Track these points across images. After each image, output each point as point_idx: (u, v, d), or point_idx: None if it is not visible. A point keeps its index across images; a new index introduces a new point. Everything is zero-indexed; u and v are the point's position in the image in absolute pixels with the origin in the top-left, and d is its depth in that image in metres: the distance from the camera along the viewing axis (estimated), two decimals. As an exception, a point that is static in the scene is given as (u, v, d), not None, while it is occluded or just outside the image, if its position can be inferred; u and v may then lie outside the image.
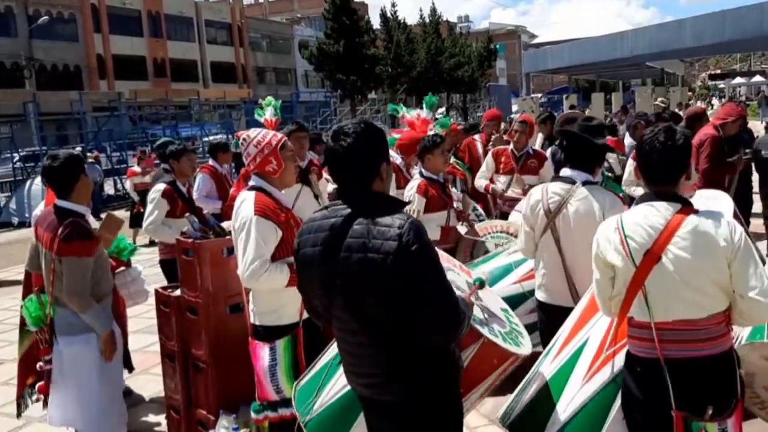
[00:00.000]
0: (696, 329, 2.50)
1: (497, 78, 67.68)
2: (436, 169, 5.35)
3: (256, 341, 3.47)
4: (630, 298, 2.57)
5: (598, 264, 2.66)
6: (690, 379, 2.49)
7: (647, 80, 34.60)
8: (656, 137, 2.60)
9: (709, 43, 21.14)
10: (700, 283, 2.48)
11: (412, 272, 2.26)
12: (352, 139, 2.39)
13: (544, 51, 32.84)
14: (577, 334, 3.11)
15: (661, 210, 2.53)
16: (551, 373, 3.03)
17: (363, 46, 40.57)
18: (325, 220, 2.41)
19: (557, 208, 3.67)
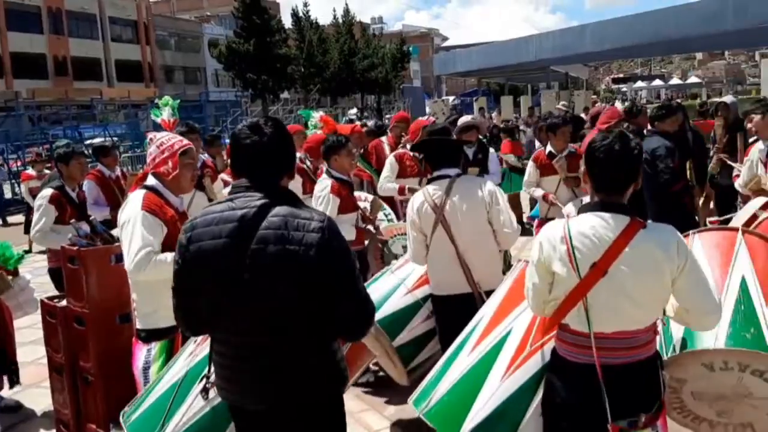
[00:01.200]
0: (631, 337, 2.51)
1: (412, 80, 68.42)
2: (343, 169, 5.32)
3: (137, 342, 3.46)
4: (568, 307, 2.52)
5: (539, 270, 2.58)
6: (620, 383, 2.47)
7: (553, 84, 35.79)
8: (611, 144, 2.49)
9: (609, 48, 22.05)
10: (643, 298, 2.47)
11: (334, 266, 2.25)
12: (273, 131, 2.38)
13: (453, 54, 33.37)
14: (498, 324, 3.07)
15: (611, 222, 2.46)
16: (470, 365, 2.99)
17: (274, 46, 40.15)
18: (231, 212, 2.31)
19: (442, 201, 3.90)
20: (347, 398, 4.82)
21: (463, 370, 2.99)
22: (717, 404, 3.22)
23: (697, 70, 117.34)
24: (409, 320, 4.40)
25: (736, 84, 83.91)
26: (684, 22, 18.33)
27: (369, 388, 5.12)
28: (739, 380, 3.06)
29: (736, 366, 3.04)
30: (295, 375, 2.35)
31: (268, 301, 2.28)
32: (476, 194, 3.89)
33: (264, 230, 2.26)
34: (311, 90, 46.07)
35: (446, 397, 2.97)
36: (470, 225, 3.88)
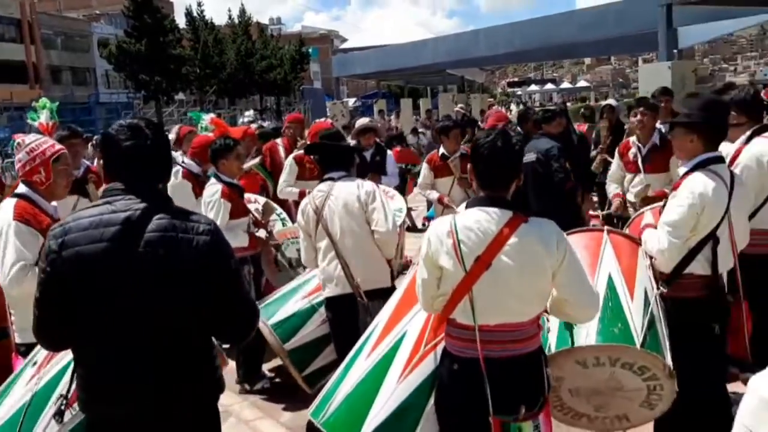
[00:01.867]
0: (515, 331, 2.59)
1: (312, 81, 68.08)
2: (231, 173, 5.20)
3: (17, 357, 3.29)
4: (455, 301, 2.58)
5: (427, 264, 2.64)
6: (504, 377, 2.55)
7: (450, 87, 36.52)
8: (494, 141, 2.60)
9: (502, 52, 22.75)
10: (525, 292, 2.56)
11: (222, 269, 2.27)
12: (154, 134, 2.33)
13: (352, 56, 33.44)
14: (393, 328, 3.11)
15: (494, 216, 2.55)
16: (366, 370, 3.00)
17: (168, 46, 38.85)
18: (112, 215, 2.22)
19: (322, 202, 4.03)
20: (243, 406, 4.77)
21: (360, 376, 3.00)
22: (594, 399, 3.35)
23: (586, 74, 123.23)
24: (302, 324, 4.43)
25: (621, 87, 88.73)
26: (569, 28, 19.15)
27: (265, 396, 5.01)
28: (611, 374, 3.20)
29: (608, 361, 3.18)
30: (176, 378, 2.29)
31: (155, 304, 2.22)
32: (353, 194, 4.01)
33: (151, 233, 2.20)
34: (207, 91, 44.96)
35: (343, 405, 2.96)
36: (347, 225, 4.00)
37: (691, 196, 3.20)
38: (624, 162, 5.63)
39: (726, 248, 3.31)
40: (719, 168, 3.28)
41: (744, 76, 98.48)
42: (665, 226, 3.27)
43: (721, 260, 3.29)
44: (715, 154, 3.32)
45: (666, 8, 13.22)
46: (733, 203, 3.24)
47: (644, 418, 3.38)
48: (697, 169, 3.28)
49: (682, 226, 3.22)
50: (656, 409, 3.29)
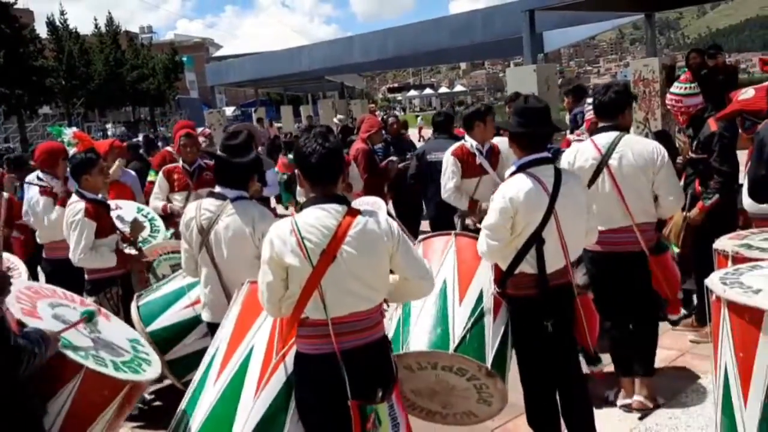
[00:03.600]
0: (364, 319, 2.74)
1: (189, 90, 66.27)
2: (96, 189, 4.94)
3: None
4: (305, 298, 2.67)
5: (271, 266, 2.70)
6: (360, 365, 2.69)
7: (330, 93, 36.62)
8: (314, 141, 2.76)
9: (375, 58, 23.04)
10: (369, 278, 2.72)
11: None
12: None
13: (226, 64, 32.78)
14: (238, 346, 3.03)
15: (332, 212, 2.70)
16: (219, 394, 2.90)
17: (29, 57, 36.52)
18: None
19: (209, 225, 3.73)
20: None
21: (212, 401, 2.90)
22: (436, 398, 3.50)
23: (462, 79, 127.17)
24: (185, 335, 4.29)
25: (496, 91, 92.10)
26: (441, 34, 19.65)
27: (141, 423, 4.77)
28: (437, 377, 3.36)
29: (429, 365, 3.35)
30: None
31: None
32: (245, 228, 3.69)
33: None
34: (75, 104, 42.70)
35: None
36: (235, 256, 3.70)
37: (502, 200, 3.33)
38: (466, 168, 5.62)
39: (554, 248, 3.35)
40: (539, 170, 3.35)
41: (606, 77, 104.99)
42: (484, 229, 3.41)
43: (549, 260, 3.34)
44: (538, 155, 3.39)
45: (529, 14, 13.84)
46: (560, 203, 3.31)
47: (488, 413, 3.54)
48: (518, 172, 3.40)
49: (497, 229, 3.34)
50: (494, 406, 3.45)
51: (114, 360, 2.78)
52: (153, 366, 2.98)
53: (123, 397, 2.73)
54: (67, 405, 2.53)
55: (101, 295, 4.83)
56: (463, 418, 3.59)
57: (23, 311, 2.74)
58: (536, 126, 3.41)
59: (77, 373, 2.55)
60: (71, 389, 2.55)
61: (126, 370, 2.77)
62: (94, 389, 2.64)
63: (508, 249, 3.39)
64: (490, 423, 3.94)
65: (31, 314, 2.77)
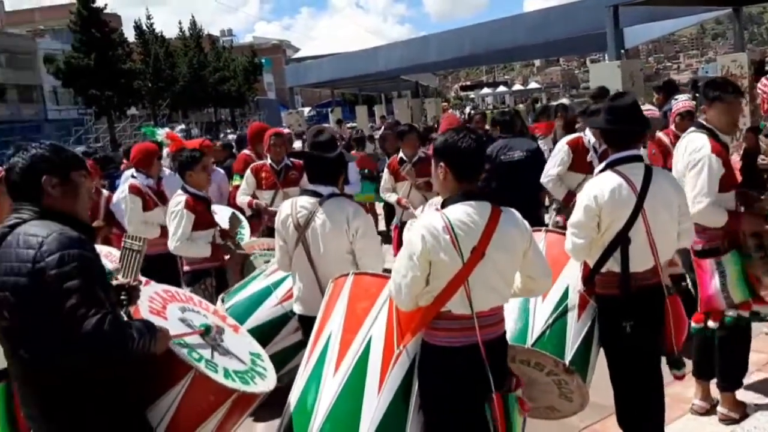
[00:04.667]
0: (498, 312, 2.85)
1: (266, 92, 67.67)
2: (198, 185, 5.19)
3: None
4: (450, 293, 2.71)
5: (420, 261, 2.70)
6: (498, 357, 2.80)
7: (404, 92, 36.68)
8: (465, 139, 2.80)
9: (451, 57, 22.96)
10: (508, 274, 2.82)
11: (47, 285, 2.20)
12: (21, 152, 2.43)
13: (305, 65, 33.31)
14: (354, 339, 3.02)
15: (479, 208, 2.75)
16: (341, 388, 2.92)
17: (118, 60, 38.19)
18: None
19: (306, 222, 3.79)
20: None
21: (334, 394, 2.92)
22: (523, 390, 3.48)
23: (536, 76, 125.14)
24: (277, 332, 4.39)
25: (571, 88, 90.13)
26: (517, 31, 19.45)
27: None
28: (518, 369, 3.31)
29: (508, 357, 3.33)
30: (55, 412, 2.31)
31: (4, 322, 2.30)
32: (342, 224, 3.75)
33: (2, 249, 2.31)
34: (160, 105, 44.36)
35: (327, 425, 2.87)
36: (331, 252, 3.78)
37: (587, 197, 3.33)
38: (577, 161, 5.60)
39: (642, 248, 3.30)
40: (628, 168, 3.32)
41: (687, 73, 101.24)
42: (570, 227, 3.42)
43: (636, 259, 3.30)
44: (628, 153, 3.36)
45: (613, 9, 13.56)
46: (648, 202, 3.26)
47: (570, 409, 3.53)
48: (606, 170, 3.39)
49: (582, 227, 3.34)
50: (575, 402, 3.44)
51: (226, 368, 2.75)
52: (266, 380, 2.91)
53: (229, 407, 2.68)
54: (174, 405, 2.55)
55: (196, 286, 5.08)
56: (546, 412, 3.59)
57: (150, 310, 2.79)
58: (626, 123, 3.38)
59: (187, 375, 2.55)
60: (179, 390, 2.55)
61: (236, 379, 2.72)
62: (202, 393, 2.60)
63: (595, 247, 3.38)
64: (579, 423, 3.93)
65: (158, 314, 2.81)
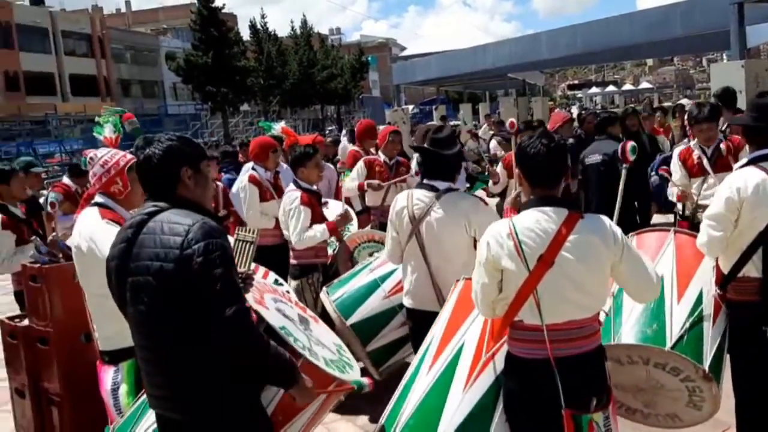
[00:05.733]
0: (580, 327, 2.63)
1: (371, 89, 68.62)
2: (310, 180, 5.26)
3: (102, 365, 3.36)
4: (520, 302, 2.62)
5: (487, 268, 2.67)
6: (575, 375, 2.59)
7: (511, 91, 36.29)
8: (538, 141, 2.68)
9: (563, 55, 22.53)
10: (587, 286, 2.61)
11: (193, 272, 2.24)
12: (156, 144, 2.47)
13: (412, 63, 33.64)
14: (450, 340, 3.09)
15: (552, 215, 2.61)
16: (430, 385, 2.99)
17: (233, 58, 39.80)
18: (132, 219, 2.45)
19: (422, 215, 3.77)
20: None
21: (424, 390, 2.99)
22: (640, 396, 3.36)
23: (648, 75, 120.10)
24: (384, 326, 4.40)
25: (685, 89, 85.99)
26: (633, 29, 18.81)
27: (341, 398, 5.05)
28: (647, 373, 3.22)
29: (640, 360, 3.21)
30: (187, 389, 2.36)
31: (144, 305, 2.36)
32: (459, 218, 3.72)
33: (142, 234, 2.35)
34: (271, 102, 45.85)
35: (412, 421, 2.95)
36: (446, 246, 3.75)
37: (729, 189, 3.21)
38: (688, 166, 5.38)
39: None
40: None
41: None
42: (706, 219, 3.29)
43: None
44: None
45: (738, 6, 12.88)
46: None
47: (694, 418, 3.35)
48: (747, 165, 3.27)
49: (721, 219, 3.22)
50: (703, 410, 3.27)
51: (324, 357, 2.87)
52: (354, 370, 3.05)
53: (329, 393, 2.81)
54: (280, 392, 2.65)
55: (304, 280, 5.19)
56: (666, 420, 3.44)
57: (255, 300, 2.89)
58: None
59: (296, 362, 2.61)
60: None
61: (334, 368, 2.84)
62: None
63: (731, 250, 3.25)
64: (694, 435, 3.75)
65: (260, 302, 2.91)
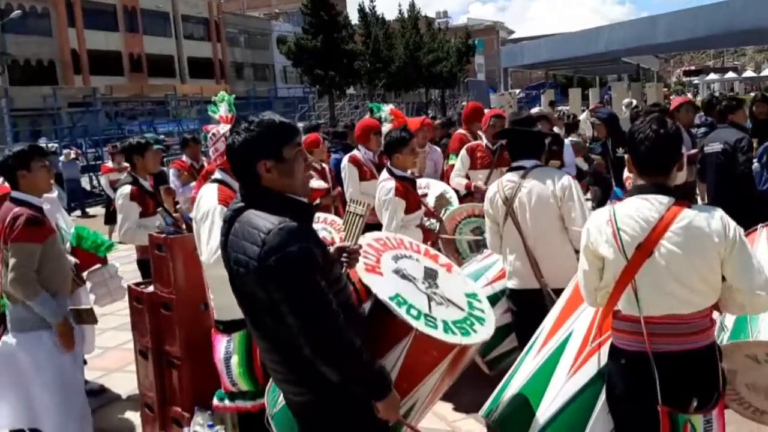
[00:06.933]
0: (684, 323, 2.49)
1: (476, 73, 67.85)
2: (405, 167, 5.18)
3: (216, 333, 3.49)
4: (619, 291, 2.55)
5: (587, 255, 2.64)
6: (676, 372, 2.48)
7: (623, 76, 34.93)
8: (649, 126, 2.58)
9: (681, 39, 21.42)
10: (690, 280, 2.47)
11: (269, 284, 2.22)
12: (235, 134, 2.36)
13: (521, 46, 33.05)
14: (560, 327, 3.10)
15: (655, 203, 2.50)
16: (535, 369, 3.01)
17: (341, 41, 40.41)
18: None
19: (513, 194, 3.91)
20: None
21: (528, 374, 3.01)
22: None
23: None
24: None
25: (811, 77, 79.66)
26: (760, 11, 17.59)
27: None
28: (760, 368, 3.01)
29: None
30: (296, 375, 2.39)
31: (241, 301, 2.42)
32: (547, 188, 3.84)
33: (231, 235, 2.35)
34: (377, 85, 46.21)
35: (512, 402, 2.97)
36: (539, 219, 3.85)
37: None
38: None
39: None
40: None
41: None
42: None
43: None
44: None
45: None
46: None
47: None
48: None
49: None
50: None
51: (445, 320, 2.73)
52: (486, 325, 2.84)
53: (452, 359, 2.71)
54: (399, 362, 2.58)
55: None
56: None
57: (366, 267, 2.79)
58: None
59: (408, 334, 2.57)
60: (403, 347, 2.57)
61: (456, 332, 2.68)
62: (424, 351, 2.60)
63: None
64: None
65: (373, 270, 2.81)
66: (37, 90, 32.15)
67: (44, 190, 3.94)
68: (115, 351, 6.29)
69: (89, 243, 4.67)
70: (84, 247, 4.66)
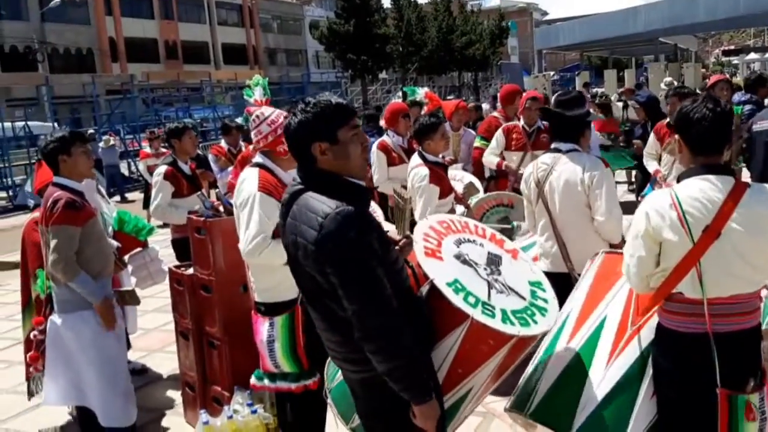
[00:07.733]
0: (744, 302, 2.51)
1: (509, 56, 66.97)
2: (436, 152, 5.14)
3: (257, 315, 3.53)
4: (680, 275, 2.50)
5: (646, 241, 2.55)
6: (732, 352, 2.47)
7: (660, 56, 34.15)
8: (703, 105, 2.53)
9: (722, 17, 20.91)
10: (755, 259, 2.46)
11: (326, 268, 2.22)
12: (292, 116, 2.36)
13: (555, 27, 32.57)
14: (591, 312, 3.01)
15: (718, 184, 2.46)
16: (570, 357, 2.93)
17: (374, 25, 40.26)
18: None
19: (545, 176, 3.95)
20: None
21: (563, 363, 2.93)
22: None
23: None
24: None
25: None
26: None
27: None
28: None
29: None
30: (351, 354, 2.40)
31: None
32: (576, 175, 3.86)
33: (289, 218, 2.35)
34: (409, 69, 46.00)
35: (550, 393, 2.89)
36: (566, 204, 3.90)
37: None
38: None
39: None
40: None
41: None
42: None
43: None
44: None
45: None
46: None
47: None
48: None
49: None
50: None
51: (504, 309, 2.64)
52: (547, 316, 2.72)
53: (509, 349, 2.63)
54: (454, 349, 2.54)
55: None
56: None
57: (425, 252, 2.69)
58: None
59: (464, 322, 2.50)
60: (459, 335, 2.53)
61: (514, 322, 2.58)
62: (480, 339, 2.54)
63: None
64: None
65: (433, 254, 2.70)
66: (76, 78, 32.71)
67: (85, 175, 4.02)
68: (156, 332, 6.44)
69: (131, 227, 4.77)
70: (125, 230, 4.75)
